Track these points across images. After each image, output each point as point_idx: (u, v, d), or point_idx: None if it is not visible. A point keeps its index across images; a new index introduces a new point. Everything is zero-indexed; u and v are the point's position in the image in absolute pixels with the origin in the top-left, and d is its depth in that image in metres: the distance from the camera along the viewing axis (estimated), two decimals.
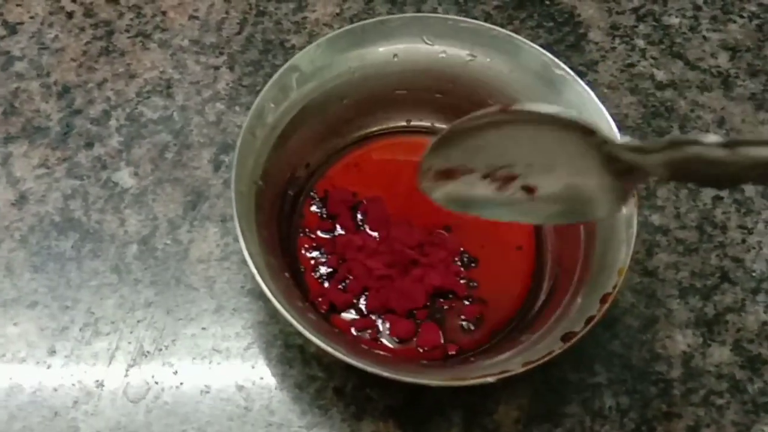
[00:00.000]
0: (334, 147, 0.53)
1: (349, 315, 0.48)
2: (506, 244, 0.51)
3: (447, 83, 0.52)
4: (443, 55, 0.51)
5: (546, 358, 0.41)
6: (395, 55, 0.51)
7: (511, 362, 0.41)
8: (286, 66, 0.48)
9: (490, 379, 0.40)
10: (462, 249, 0.50)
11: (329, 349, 0.40)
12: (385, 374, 0.40)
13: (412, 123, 0.54)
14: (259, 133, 0.47)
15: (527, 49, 0.49)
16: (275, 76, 0.48)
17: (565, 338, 0.41)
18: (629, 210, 0.44)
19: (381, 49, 0.50)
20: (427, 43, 0.50)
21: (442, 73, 0.51)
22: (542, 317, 0.46)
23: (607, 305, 0.42)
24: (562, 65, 0.48)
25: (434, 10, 0.61)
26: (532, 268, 0.50)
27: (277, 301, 0.41)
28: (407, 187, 0.52)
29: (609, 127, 0.46)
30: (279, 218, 0.49)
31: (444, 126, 0.53)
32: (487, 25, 0.50)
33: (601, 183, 0.38)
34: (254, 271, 0.42)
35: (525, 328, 0.46)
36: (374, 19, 0.50)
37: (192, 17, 0.60)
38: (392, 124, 0.54)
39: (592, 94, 0.47)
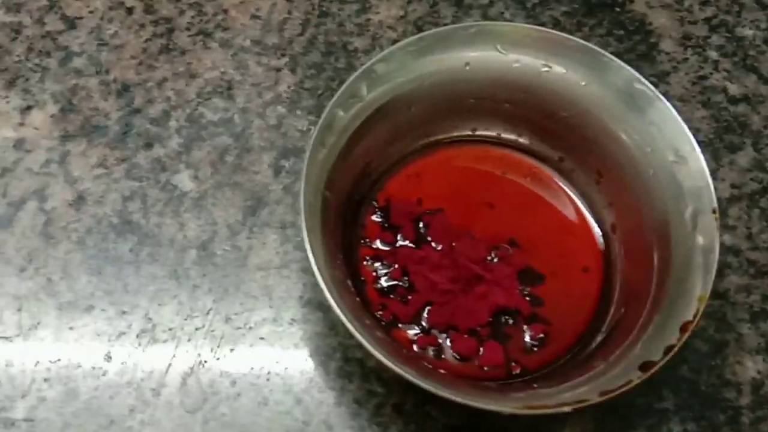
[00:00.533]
0: (398, 154, 0.52)
1: (411, 330, 0.47)
2: (573, 265, 0.49)
3: (518, 93, 0.50)
4: (517, 64, 0.49)
5: (624, 388, 0.39)
6: (467, 64, 0.49)
7: (586, 390, 0.40)
8: (358, 73, 0.47)
9: (566, 409, 0.39)
10: (527, 265, 0.49)
11: (398, 370, 0.39)
12: (458, 399, 0.39)
13: (478, 132, 0.53)
14: (328, 141, 0.46)
15: (607, 62, 0.48)
16: (347, 83, 0.46)
17: (643, 368, 0.40)
18: (709, 237, 0.43)
19: (453, 57, 0.49)
20: (501, 52, 0.49)
21: (513, 83, 0.50)
22: (612, 343, 0.45)
23: (687, 334, 0.41)
24: (644, 81, 0.46)
25: (501, 15, 0.59)
26: (599, 291, 0.49)
27: (343, 315, 0.40)
28: (470, 198, 0.51)
29: (691, 147, 0.45)
30: (342, 228, 0.48)
31: (512, 136, 0.52)
32: (565, 35, 0.49)
33: None
34: (322, 285, 0.40)
35: (594, 353, 0.45)
36: (449, 27, 0.49)
37: (254, 17, 0.59)
38: (457, 133, 0.53)
39: (674, 112, 0.46)
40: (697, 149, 0.45)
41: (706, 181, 0.45)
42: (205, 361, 0.47)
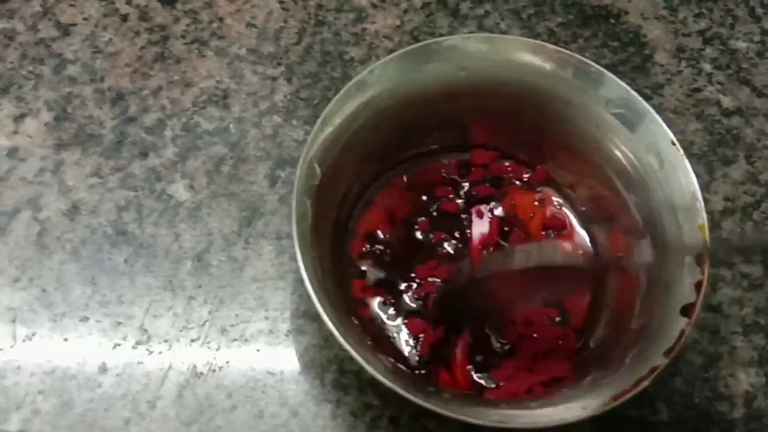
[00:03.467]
0: (385, 166, 0.52)
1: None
2: None
3: (508, 105, 0.50)
4: (507, 76, 0.49)
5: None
6: (463, 70, 0.49)
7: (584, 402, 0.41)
8: (350, 84, 0.46)
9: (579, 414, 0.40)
10: None
11: (391, 385, 0.39)
12: (451, 415, 0.39)
13: (467, 142, 0.53)
14: (318, 154, 0.45)
15: (598, 75, 0.48)
16: (339, 94, 0.46)
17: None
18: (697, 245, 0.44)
19: (443, 68, 0.49)
20: (494, 63, 0.49)
21: (503, 95, 0.50)
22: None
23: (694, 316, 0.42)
24: (641, 100, 0.46)
25: (496, 26, 0.59)
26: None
27: (335, 329, 0.40)
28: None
29: (680, 161, 0.45)
30: (334, 240, 0.48)
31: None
32: (556, 48, 0.48)
33: None
34: (317, 305, 0.40)
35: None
36: (446, 38, 0.49)
37: (249, 25, 0.59)
38: (449, 143, 0.53)
39: (663, 126, 0.46)
40: (686, 163, 0.45)
41: (695, 195, 0.45)
42: (201, 373, 0.47)
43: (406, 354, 0.47)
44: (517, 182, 0.52)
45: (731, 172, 0.55)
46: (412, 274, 0.49)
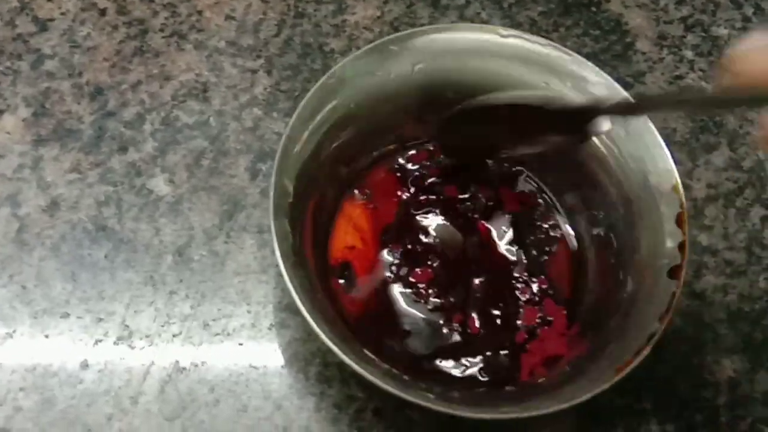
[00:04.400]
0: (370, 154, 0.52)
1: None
2: None
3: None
4: (486, 67, 0.49)
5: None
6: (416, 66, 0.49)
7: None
8: (325, 77, 0.46)
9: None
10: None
11: (371, 378, 0.39)
12: (435, 407, 0.39)
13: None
14: (297, 147, 0.45)
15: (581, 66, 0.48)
16: (314, 88, 0.46)
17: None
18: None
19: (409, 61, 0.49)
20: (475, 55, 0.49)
21: (487, 87, 0.49)
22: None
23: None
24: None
25: (477, 15, 0.59)
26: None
27: (323, 334, 0.40)
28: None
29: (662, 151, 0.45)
30: (315, 233, 0.48)
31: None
32: (537, 38, 0.48)
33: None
34: (297, 300, 0.40)
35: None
36: (429, 27, 0.49)
37: (228, 17, 0.58)
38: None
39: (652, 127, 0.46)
40: (668, 154, 0.45)
41: (675, 184, 0.45)
42: (184, 368, 0.46)
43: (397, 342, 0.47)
44: None
45: (714, 159, 0.55)
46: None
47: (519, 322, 0.48)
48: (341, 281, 0.48)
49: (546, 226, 0.51)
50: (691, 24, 0.61)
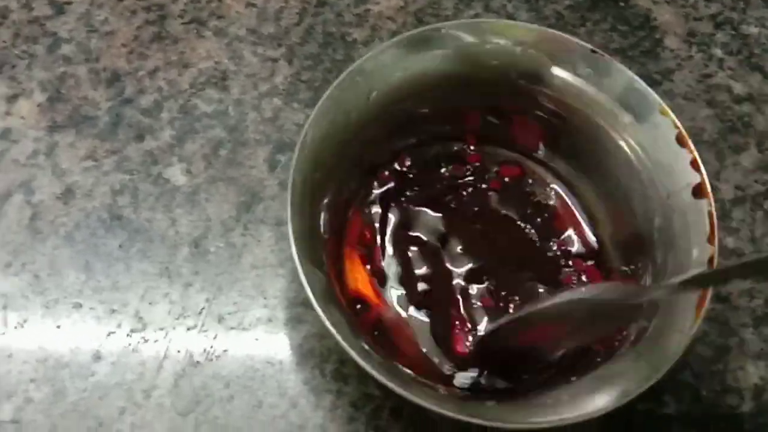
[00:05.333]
0: (393, 149, 0.50)
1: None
2: None
3: (515, 93, 0.48)
4: (513, 62, 0.47)
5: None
6: (458, 60, 0.47)
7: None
8: (350, 69, 0.45)
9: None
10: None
11: (395, 387, 0.38)
12: (451, 414, 0.39)
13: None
14: (316, 137, 0.44)
15: (607, 64, 0.46)
16: (338, 80, 0.44)
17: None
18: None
19: (440, 54, 0.47)
20: (497, 46, 0.47)
21: (510, 83, 0.48)
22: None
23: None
24: (643, 83, 0.45)
25: (503, 8, 0.58)
26: None
27: (338, 334, 0.39)
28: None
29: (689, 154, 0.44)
30: (337, 229, 0.47)
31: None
32: (563, 35, 0.47)
33: None
34: (312, 299, 0.39)
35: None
36: (441, 24, 0.47)
37: (249, 5, 0.57)
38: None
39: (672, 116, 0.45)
40: (696, 156, 0.44)
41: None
42: (198, 362, 0.46)
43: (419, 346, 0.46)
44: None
45: (742, 160, 0.54)
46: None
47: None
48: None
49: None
50: (720, 21, 0.59)
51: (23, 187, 0.50)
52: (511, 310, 0.47)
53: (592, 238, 0.49)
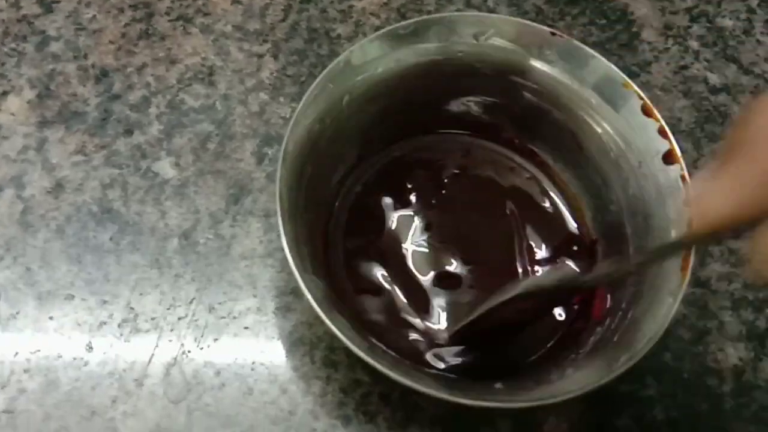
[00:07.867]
0: (381, 140, 0.51)
1: None
2: None
3: (496, 85, 0.49)
4: (493, 56, 0.48)
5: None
6: (442, 54, 0.48)
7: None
8: (336, 61, 0.46)
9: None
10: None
11: (386, 370, 0.39)
12: (446, 397, 0.39)
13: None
14: (303, 130, 0.45)
15: (586, 56, 0.47)
16: (324, 73, 0.45)
17: None
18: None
19: (428, 48, 0.48)
20: (476, 43, 0.48)
21: (491, 76, 0.49)
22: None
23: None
24: (621, 74, 0.46)
25: (484, 3, 0.59)
26: None
27: (336, 329, 0.40)
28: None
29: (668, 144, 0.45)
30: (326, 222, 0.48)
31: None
32: (542, 27, 0.47)
33: None
34: (303, 287, 0.40)
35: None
36: (435, 16, 0.48)
37: (235, 2, 0.58)
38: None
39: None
40: (675, 145, 0.45)
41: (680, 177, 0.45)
42: (189, 351, 0.46)
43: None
44: None
45: (719, 149, 0.55)
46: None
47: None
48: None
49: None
50: (696, 14, 0.61)
51: (14, 182, 0.50)
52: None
53: (573, 224, 0.50)
